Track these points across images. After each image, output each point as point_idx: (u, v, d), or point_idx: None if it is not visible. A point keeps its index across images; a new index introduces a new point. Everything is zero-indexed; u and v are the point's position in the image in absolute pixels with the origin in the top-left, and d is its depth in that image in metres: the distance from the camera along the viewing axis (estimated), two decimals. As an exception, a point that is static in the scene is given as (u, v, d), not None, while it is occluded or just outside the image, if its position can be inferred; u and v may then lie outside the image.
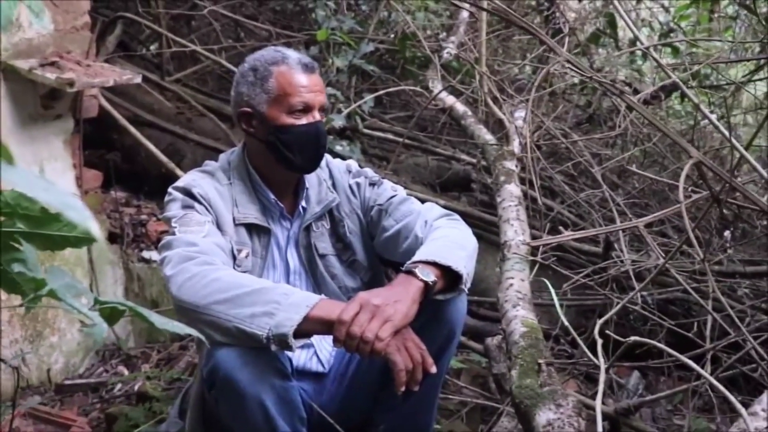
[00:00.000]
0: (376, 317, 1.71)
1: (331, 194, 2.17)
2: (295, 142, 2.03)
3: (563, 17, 3.95)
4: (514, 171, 2.92)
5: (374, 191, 2.21)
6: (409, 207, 2.15)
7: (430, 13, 4.51)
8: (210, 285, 1.75)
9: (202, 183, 2.03)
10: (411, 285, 1.79)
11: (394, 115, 4.91)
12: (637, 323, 3.23)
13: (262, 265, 2.06)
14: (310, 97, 2.02)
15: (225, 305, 1.71)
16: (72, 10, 3.20)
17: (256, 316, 1.69)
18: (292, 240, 2.14)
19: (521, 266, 2.36)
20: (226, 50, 4.53)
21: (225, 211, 2.03)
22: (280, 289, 1.76)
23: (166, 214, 2.01)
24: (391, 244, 2.14)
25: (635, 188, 4.11)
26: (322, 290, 2.12)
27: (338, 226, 2.18)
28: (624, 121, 3.42)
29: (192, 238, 1.88)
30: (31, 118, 3.07)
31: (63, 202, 0.61)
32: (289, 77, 2.02)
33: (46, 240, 1.05)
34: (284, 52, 2.08)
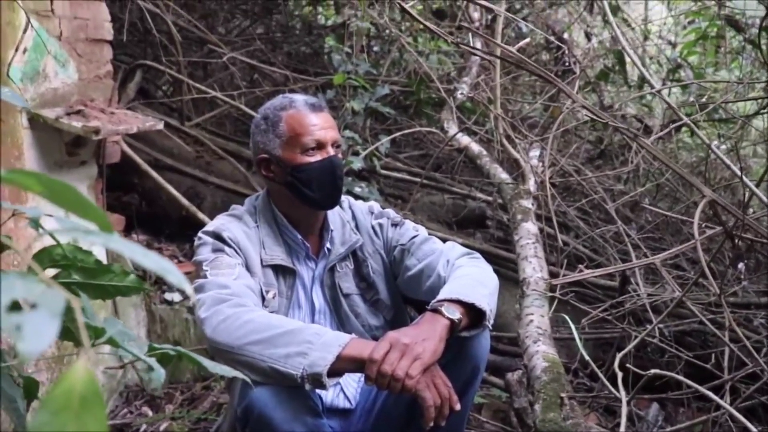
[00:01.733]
0: (406, 355, 1.75)
1: (354, 235, 2.23)
2: (312, 179, 2.10)
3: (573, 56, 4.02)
4: (531, 209, 2.97)
5: (396, 231, 2.28)
6: (431, 246, 2.22)
7: (441, 55, 4.61)
8: (244, 326, 1.80)
9: (230, 227, 2.10)
10: (437, 323, 1.84)
11: (408, 155, 5.00)
12: (654, 355, 3.25)
13: (288, 304, 2.13)
14: (321, 134, 2.10)
15: (259, 346, 1.77)
16: (95, 59, 3.29)
17: (290, 356, 1.74)
18: (317, 280, 2.20)
19: (540, 302, 2.41)
20: (243, 94, 4.63)
21: (253, 253, 2.09)
22: (312, 329, 1.81)
23: (196, 258, 2.06)
24: (414, 283, 2.20)
25: (648, 222, 4.16)
26: (346, 328, 2.17)
27: (362, 266, 2.24)
28: (636, 156, 3.48)
29: (224, 280, 1.94)
30: (57, 165, 3.15)
31: (161, 267, 0.67)
32: (299, 118, 2.10)
33: (99, 289, 1.11)
34: (291, 97, 2.17)
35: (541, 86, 5.56)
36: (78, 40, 3.21)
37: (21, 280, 0.63)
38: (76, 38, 3.20)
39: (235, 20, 5.77)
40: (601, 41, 5.19)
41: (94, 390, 0.58)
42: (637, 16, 6.71)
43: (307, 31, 5.69)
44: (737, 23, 4.38)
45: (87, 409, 0.56)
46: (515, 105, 4.95)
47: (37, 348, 0.56)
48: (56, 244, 1.08)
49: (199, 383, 3.44)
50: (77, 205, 0.67)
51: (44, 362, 3.10)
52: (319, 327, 1.85)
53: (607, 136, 4.71)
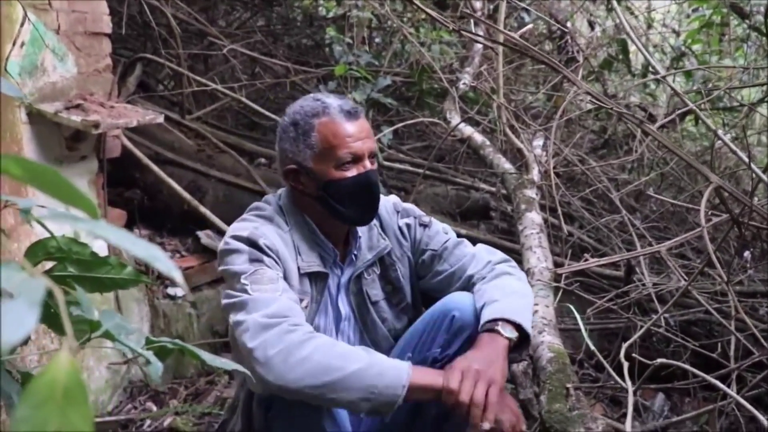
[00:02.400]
0: (480, 381, 1.73)
1: (383, 241, 2.12)
2: (347, 196, 1.94)
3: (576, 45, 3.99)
4: (535, 199, 2.95)
5: (426, 233, 2.17)
6: (463, 251, 2.17)
7: (444, 45, 4.58)
8: (298, 366, 1.67)
9: (266, 231, 1.92)
10: (498, 344, 1.84)
11: (411, 146, 4.97)
12: (660, 345, 3.23)
13: (316, 309, 2.01)
14: (357, 146, 1.92)
15: (319, 391, 1.67)
16: (94, 53, 3.27)
17: (354, 402, 1.69)
18: (343, 287, 2.09)
19: (545, 293, 2.38)
20: (244, 87, 4.61)
21: (291, 262, 1.94)
22: (372, 367, 1.70)
23: (231, 268, 1.86)
24: (443, 286, 2.16)
25: (653, 211, 4.13)
26: (370, 335, 2.12)
27: (389, 271, 2.14)
28: (640, 145, 3.45)
29: (267, 298, 1.77)
30: (57, 160, 3.13)
31: (150, 254, 0.64)
32: (333, 128, 1.91)
33: (95, 282, 1.09)
34: (324, 100, 1.96)
35: (544, 76, 5.53)
36: (76, 34, 3.19)
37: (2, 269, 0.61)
38: (75, 31, 3.18)
39: (236, 12, 5.75)
40: (604, 30, 5.15)
41: (78, 382, 0.55)
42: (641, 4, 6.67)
43: (308, 22, 5.66)
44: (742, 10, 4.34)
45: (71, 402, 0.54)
46: (518, 95, 4.92)
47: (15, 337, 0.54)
48: (51, 237, 1.06)
49: (203, 378, 3.43)
50: (62, 191, 0.64)
51: (47, 357, 3.09)
52: (377, 361, 1.74)
53: (611, 125, 4.68)
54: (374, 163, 1.99)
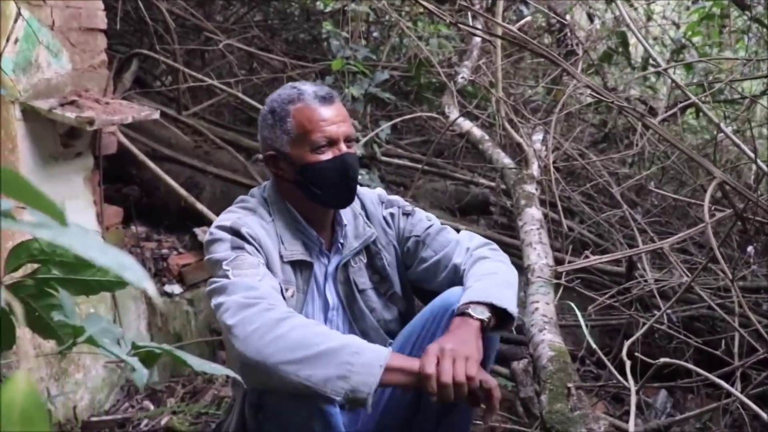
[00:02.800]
0: (457, 360, 1.70)
1: (369, 229, 2.14)
2: (323, 179, 1.98)
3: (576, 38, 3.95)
4: (535, 194, 2.92)
5: (409, 221, 2.19)
6: (446, 237, 2.16)
7: (442, 39, 4.54)
8: (276, 341, 1.68)
9: (248, 221, 1.97)
10: (470, 326, 1.80)
11: (409, 141, 4.94)
12: (662, 341, 3.20)
13: (303, 299, 2.03)
14: (331, 129, 1.96)
15: (295, 366, 1.66)
16: (89, 49, 3.23)
17: (330, 379, 1.65)
18: (330, 276, 2.10)
19: (546, 290, 2.35)
20: (241, 82, 4.57)
21: (273, 250, 1.97)
22: (350, 346, 1.70)
23: (213, 256, 1.92)
24: (430, 275, 2.15)
25: (654, 205, 4.10)
26: (359, 325, 2.12)
27: (375, 259, 2.15)
28: (641, 139, 3.42)
29: (248, 281, 1.81)
30: (52, 157, 3.09)
31: (119, 263, 0.61)
32: (307, 113, 1.96)
33: (81, 285, 1.06)
34: (300, 87, 2.01)
35: (543, 69, 5.49)
36: (71, 30, 3.15)
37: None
38: (69, 27, 3.14)
39: (233, 7, 5.70)
40: (603, 22, 5.11)
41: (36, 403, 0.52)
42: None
43: (305, 17, 5.62)
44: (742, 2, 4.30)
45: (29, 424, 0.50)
46: (517, 88, 4.88)
47: None
48: (33, 239, 1.02)
49: (200, 377, 3.40)
50: (24, 193, 0.61)
51: (43, 358, 3.06)
52: (356, 342, 1.74)
53: (611, 119, 4.65)
54: (352, 147, 2.02)
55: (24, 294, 1.02)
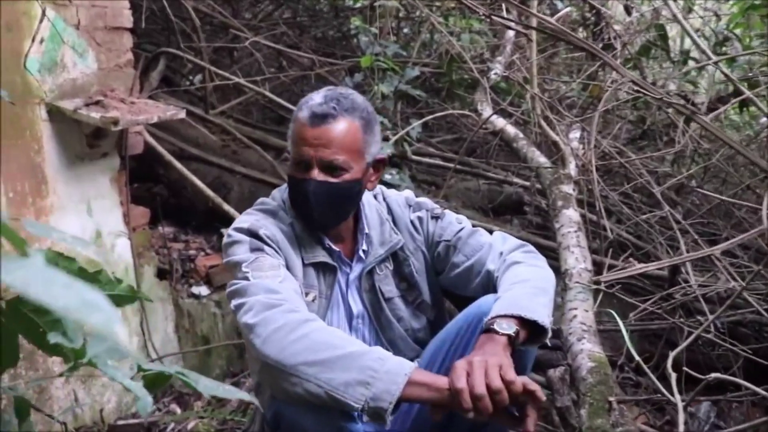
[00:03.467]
0: (489, 368, 1.57)
1: (395, 236, 2.05)
2: (291, 194, 1.95)
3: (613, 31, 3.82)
4: (572, 195, 2.80)
5: (438, 225, 2.09)
6: (478, 240, 2.05)
7: (474, 34, 4.43)
8: (298, 342, 1.61)
9: (266, 224, 1.92)
10: (496, 343, 1.68)
11: (441, 139, 4.84)
12: (706, 348, 3.07)
13: (327, 305, 1.96)
14: (305, 151, 1.87)
15: (315, 368, 1.58)
16: (115, 48, 3.19)
17: (351, 385, 1.56)
18: (353, 284, 2.02)
19: (584, 296, 2.25)
20: (269, 80, 4.50)
21: (293, 253, 1.91)
22: (374, 352, 1.62)
23: (232, 258, 1.86)
24: (462, 281, 2.05)
25: (695, 205, 3.95)
26: (386, 334, 2.03)
27: (403, 266, 2.06)
28: (683, 136, 3.27)
29: (270, 283, 1.75)
30: (78, 158, 3.06)
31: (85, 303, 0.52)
32: (296, 127, 1.90)
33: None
34: (311, 96, 1.93)
35: (579, 65, 5.36)
36: (96, 29, 3.11)
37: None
38: (95, 26, 3.10)
39: (261, 5, 5.64)
40: (642, 15, 4.95)
41: None
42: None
43: (334, 13, 5.54)
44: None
45: None
46: (552, 85, 4.75)
47: None
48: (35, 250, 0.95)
49: (228, 379, 3.35)
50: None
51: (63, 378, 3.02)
52: (380, 350, 1.65)
53: (649, 115, 4.49)
54: (336, 176, 1.88)
55: (26, 309, 0.95)
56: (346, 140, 1.88)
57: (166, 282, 3.49)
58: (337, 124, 1.87)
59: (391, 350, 2.02)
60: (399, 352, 2.03)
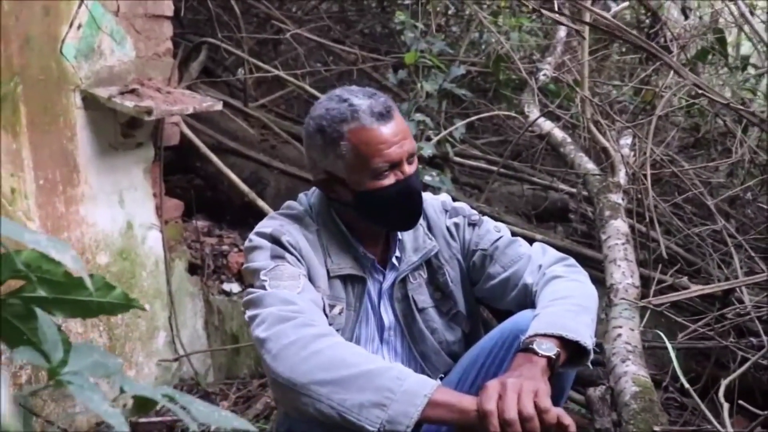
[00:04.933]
0: (523, 392, 1.45)
1: (429, 242, 1.93)
2: (385, 205, 1.78)
3: (671, 34, 3.65)
4: (621, 205, 2.65)
5: (475, 233, 1.97)
6: (517, 251, 1.93)
7: (524, 33, 4.29)
8: (311, 359, 1.52)
9: (291, 230, 1.81)
10: (535, 364, 1.55)
11: (486, 141, 4.70)
12: (758, 372, 2.89)
13: (356, 319, 1.85)
14: (394, 152, 1.73)
15: (328, 387, 1.48)
16: (154, 36, 3.14)
17: (366, 406, 1.46)
18: (386, 294, 1.91)
19: (630, 313, 2.11)
20: (311, 75, 4.41)
21: (317, 263, 1.81)
22: (392, 370, 1.51)
23: (251, 264, 1.78)
24: (498, 293, 1.93)
25: (749, 218, 3.76)
26: (419, 347, 1.92)
27: (437, 275, 1.95)
28: (741, 147, 3.10)
29: (287, 294, 1.66)
30: (112, 147, 3.01)
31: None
32: (365, 136, 1.72)
33: (75, 306, 0.88)
34: (352, 101, 1.76)
35: (632, 68, 5.18)
36: (136, 16, 3.06)
37: None
38: (134, 14, 3.05)
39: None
40: (700, 17, 4.76)
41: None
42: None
43: (381, 8, 5.44)
44: None
45: None
46: (603, 88, 4.58)
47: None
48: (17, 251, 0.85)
49: (255, 380, 3.27)
50: None
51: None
52: (399, 368, 1.53)
53: (705, 122, 4.30)
54: (414, 162, 1.80)
55: (10, 314, 0.85)
56: (407, 129, 1.82)
57: (197, 277, 3.42)
58: (398, 115, 1.80)
59: (423, 364, 1.93)
60: (431, 365, 1.93)
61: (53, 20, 2.73)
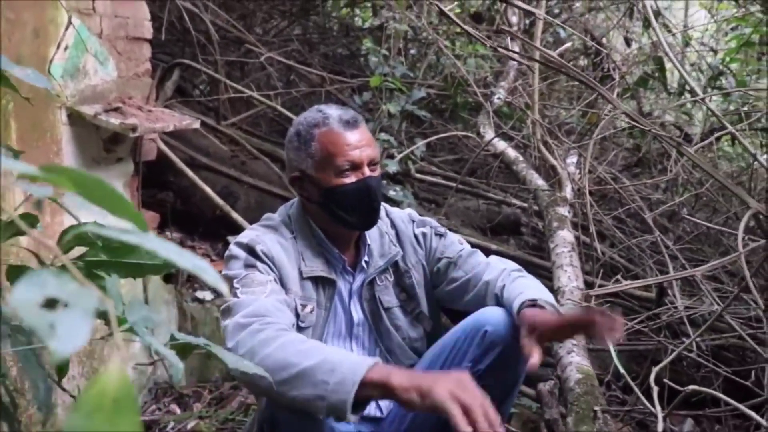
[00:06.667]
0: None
1: (394, 248, 2.16)
2: (346, 202, 2.01)
3: (612, 62, 3.97)
4: (567, 217, 2.93)
5: (441, 242, 2.21)
6: (477, 259, 2.18)
7: (479, 59, 4.57)
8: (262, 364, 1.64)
9: (265, 239, 2.01)
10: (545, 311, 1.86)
11: (442, 159, 4.97)
12: (690, 369, 3.19)
13: (326, 316, 2.05)
14: (355, 154, 1.99)
15: (282, 388, 1.65)
16: (134, 57, 3.32)
17: (310, 399, 1.63)
18: (355, 294, 2.13)
19: (575, 312, 2.36)
20: (280, 95, 4.63)
21: (290, 267, 2.00)
22: (326, 364, 1.64)
23: (227, 273, 1.96)
24: (459, 294, 2.17)
25: (686, 232, 4.08)
26: (385, 342, 2.14)
27: (403, 278, 2.18)
28: (675, 165, 3.41)
29: (250, 299, 1.84)
30: (94, 161, 3.17)
31: (196, 266, 0.66)
32: (332, 138, 1.99)
33: (129, 268, 1.10)
34: (325, 111, 2.04)
35: (579, 92, 5.50)
36: (118, 38, 3.24)
37: (54, 277, 0.62)
38: (117, 36, 3.22)
39: (273, 21, 5.79)
40: (641, 47, 5.11)
41: (127, 393, 0.57)
42: (678, 22, 6.61)
43: (344, 33, 5.69)
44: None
45: (120, 412, 0.55)
46: (552, 111, 4.89)
47: (70, 347, 0.56)
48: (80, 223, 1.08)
49: (227, 383, 3.44)
50: (112, 203, 0.65)
51: (75, 356, 3.13)
52: (333, 358, 1.66)
53: (644, 143, 4.64)
54: (375, 170, 2.05)
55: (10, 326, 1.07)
56: (372, 139, 2.08)
57: (171, 285, 3.60)
58: (363, 126, 2.05)
59: (389, 357, 2.15)
60: (397, 359, 2.15)
61: (42, 41, 2.89)
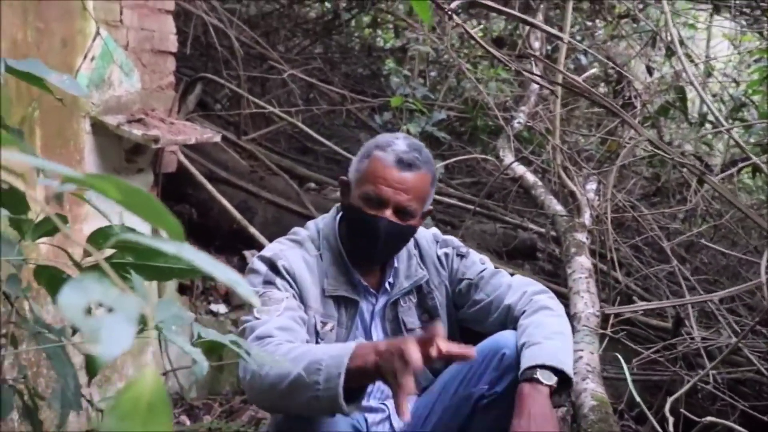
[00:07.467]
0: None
1: (421, 271, 2.14)
2: (353, 227, 2.02)
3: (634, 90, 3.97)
4: (585, 243, 2.92)
5: (462, 263, 2.19)
6: (499, 280, 2.16)
7: (500, 83, 4.59)
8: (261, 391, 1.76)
9: (289, 254, 2.00)
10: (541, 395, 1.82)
11: (460, 181, 4.97)
12: (705, 402, 3.15)
13: (347, 335, 2.04)
14: (386, 191, 1.95)
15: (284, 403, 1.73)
16: (159, 70, 3.35)
17: (310, 404, 1.67)
18: (378, 315, 2.12)
19: (591, 339, 2.35)
20: (300, 112, 4.66)
21: (312, 285, 1.99)
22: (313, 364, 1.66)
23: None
24: (481, 316, 2.15)
25: (704, 263, 4.05)
26: None
27: (427, 299, 2.16)
28: (695, 195, 3.40)
29: (260, 321, 1.83)
30: (115, 171, 3.19)
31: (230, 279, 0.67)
32: (379, 166, 1.96)
33: (155, 271, 1.11)
34: (393, 141, 2.01)
35: (599, 119, 5.50)
36: (143, 51, 3.27)
37: (98, 283, 0.64)
38: (142, 49, 3.26)
39: (296, 39, 5.84)
40: (662, 76, 5.11)
41: (161, 397, 0.58)
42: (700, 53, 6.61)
43: (366, 53, 5.73)
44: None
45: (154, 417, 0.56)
46: (572, 137, 4.89)
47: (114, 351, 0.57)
48: (110, 225, 1.10)
49: (238, 396, 3.44)
50: (151, 213, 0.66)
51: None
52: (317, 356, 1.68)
53: (664, 173, 4.62)
54: (402, 219, 1.98)
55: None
56: (420, 190, 2.00)
57: (186, 297, 3.61)
58: (418, 174, 1.98)
59: None
60: (416, 381, 2.14)
61: (70, 51, 2.93)
